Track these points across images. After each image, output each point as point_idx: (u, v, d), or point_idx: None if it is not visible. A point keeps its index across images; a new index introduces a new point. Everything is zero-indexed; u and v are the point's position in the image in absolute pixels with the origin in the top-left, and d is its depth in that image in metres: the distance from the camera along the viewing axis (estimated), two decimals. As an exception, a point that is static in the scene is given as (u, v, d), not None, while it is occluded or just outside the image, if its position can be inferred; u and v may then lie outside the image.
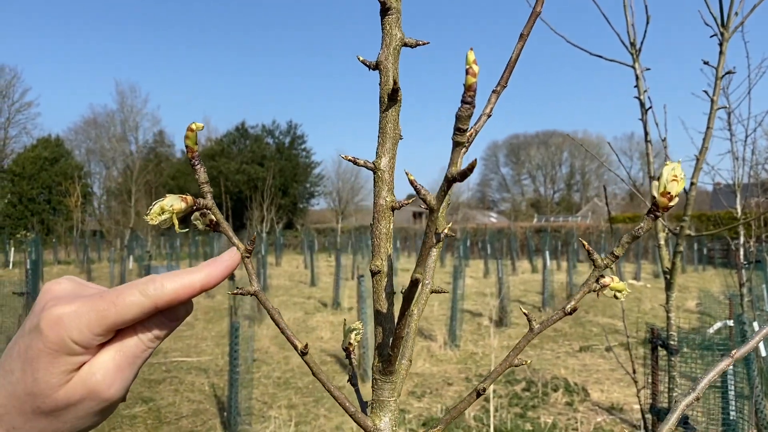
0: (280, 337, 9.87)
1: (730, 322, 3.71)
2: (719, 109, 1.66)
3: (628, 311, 12.01)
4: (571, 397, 6.61)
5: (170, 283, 0.47)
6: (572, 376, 7.39)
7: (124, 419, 5.95)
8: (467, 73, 0.34)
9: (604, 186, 1.94)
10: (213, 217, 0.47)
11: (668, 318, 1.75)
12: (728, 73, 1.68)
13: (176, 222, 0.45)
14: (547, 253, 12.99)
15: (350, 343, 0.59)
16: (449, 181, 0.35)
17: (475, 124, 0.64)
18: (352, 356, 0.58)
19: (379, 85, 0.48)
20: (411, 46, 0.48)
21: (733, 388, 3.14)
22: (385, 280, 0.48)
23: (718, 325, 3.25)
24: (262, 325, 10.53)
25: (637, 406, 6.20)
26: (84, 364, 0.46)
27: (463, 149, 0.36)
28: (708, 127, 1.71)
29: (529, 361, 0.53)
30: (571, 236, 27.34)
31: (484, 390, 0.49)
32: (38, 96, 76.85)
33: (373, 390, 0.51)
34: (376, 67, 0.48)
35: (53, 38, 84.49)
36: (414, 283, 0.40)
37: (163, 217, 0.44)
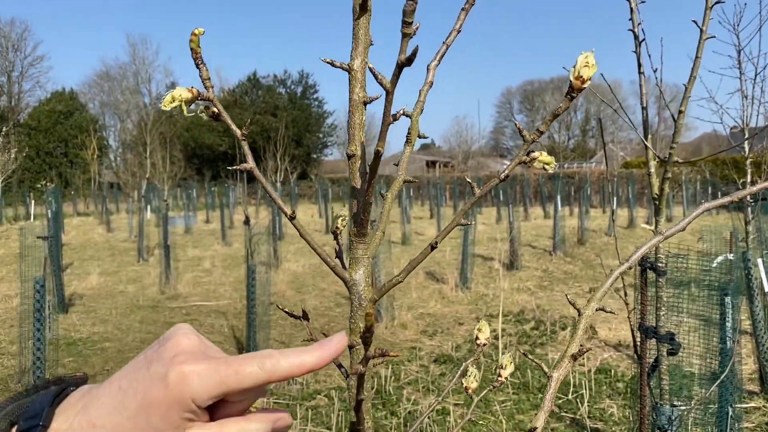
0: (297, 281, 10.12)
1: (731, 256, 3.80)
2: (708, 38, 1.72)
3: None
4: (579, 335, 6.79)
5: (285, 361, 0.50)
6: (581, 316, 7.56)
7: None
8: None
9: (599, 120, 2.02)
10: (215, 108, 0.57)
11: (656, 242, 1.84)
12: (717, 2, 1.73)
13: (185, 108, 0.55)
14: (559, 198, 13.04)
15: (337, 227, 0.70)
16: (399, 66, 0.45)
17: (447, 39, 0.73)
18: (339, 238, 0.69)
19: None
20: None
21: (731, 320, 3.24)
22: (359, 162, 0.58)
23: (720, 258, 3.34)
24: (278, 271, 10.78)
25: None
26: (190, 423, 0.49)
27: (409, 39, 0.45)
28: (696, 57, 1.77)
29: (472, 222, 0.64)
30: (585, 182, 27.24)
31: (437, 244, 0.60)
32: (49, 49, 76.80)
33: (350, 250, 0.62)
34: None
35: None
36: (377, 155, 0.51)
37: (174, 104, 0.54)
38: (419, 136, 0.66)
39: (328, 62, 0.56)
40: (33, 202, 22.27)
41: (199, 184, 36.69)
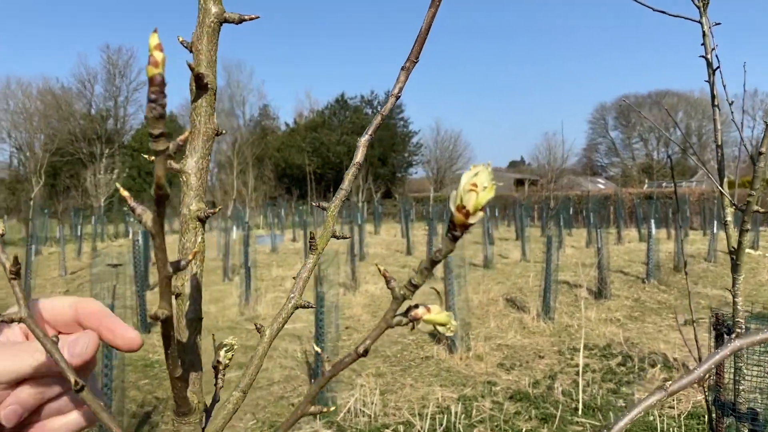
0: (373, 304, 10.01)
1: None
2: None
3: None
4: (669, 374, 6.27)
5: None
6: (672, 352, 7.00)
7: (219, 383, 6.26)
8: (148, 62, 0.27)
9: (670, 157, 1.76)
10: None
11: (734, 303, 1.57)
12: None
13: None
14: (653, 221, 12.26)
15: (219, 361, 0.53)
16: (158, 200, 0.29)
17: (382, 109, 0.56)
18: (220, 376, 0.53)
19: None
20: (234, 23, 0.41)
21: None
22: (188, 303, 0.42)
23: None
24: (356, 293, 10.72)
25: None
26: None
27: (165, 158, 0.29)
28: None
29: (334, 407, 0.46)
30: (684, 203, 25.69)
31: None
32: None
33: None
34: (191, 48, 0.41)
35: (160, 16, 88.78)
36: (159, 320, 0.34)
37: None
38: (335, 236, 0.49)
39: (146, 156, 0.41)
40: (132, 219, 23.54)
41: (288, 203, 37.61)
